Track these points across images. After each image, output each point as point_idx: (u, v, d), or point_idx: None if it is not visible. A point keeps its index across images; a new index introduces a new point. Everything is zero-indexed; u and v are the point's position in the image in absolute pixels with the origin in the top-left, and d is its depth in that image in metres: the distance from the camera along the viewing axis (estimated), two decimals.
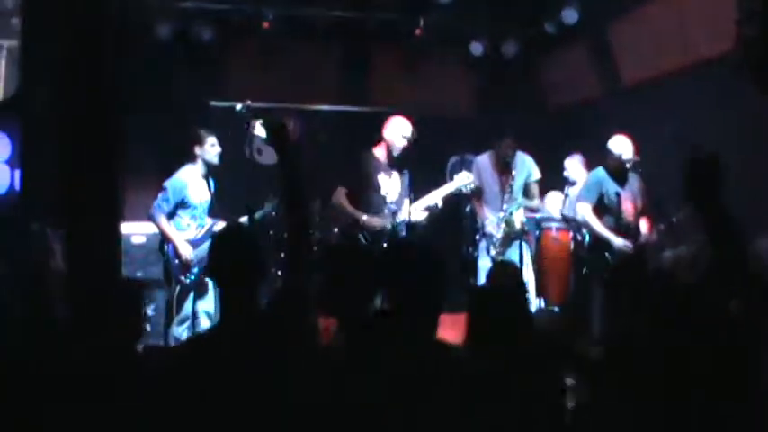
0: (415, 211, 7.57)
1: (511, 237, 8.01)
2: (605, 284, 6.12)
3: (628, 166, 7.78)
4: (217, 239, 3.80)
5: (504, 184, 8.11)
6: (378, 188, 7.63)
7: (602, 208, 7.83)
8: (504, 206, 8.04)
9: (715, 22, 7.52)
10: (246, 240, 3.66)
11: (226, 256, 3.59)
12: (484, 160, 8.27)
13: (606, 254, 7.69)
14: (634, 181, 7.89)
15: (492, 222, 8.09)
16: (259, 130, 6.81)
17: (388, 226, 7.51)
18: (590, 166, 8.56)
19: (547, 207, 9.15)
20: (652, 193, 7.85)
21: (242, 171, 7.67)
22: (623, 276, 4.53)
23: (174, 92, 9.60)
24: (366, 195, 7.71)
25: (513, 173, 8.08)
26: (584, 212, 7.85)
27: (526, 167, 8.28)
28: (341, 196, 7.72)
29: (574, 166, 9.07)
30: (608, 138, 8.05)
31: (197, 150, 7.50)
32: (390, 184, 7.62)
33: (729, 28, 5.84)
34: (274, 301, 3.67)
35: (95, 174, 4.88)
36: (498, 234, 8.00)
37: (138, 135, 8.20)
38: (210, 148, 7.52)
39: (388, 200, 7.61)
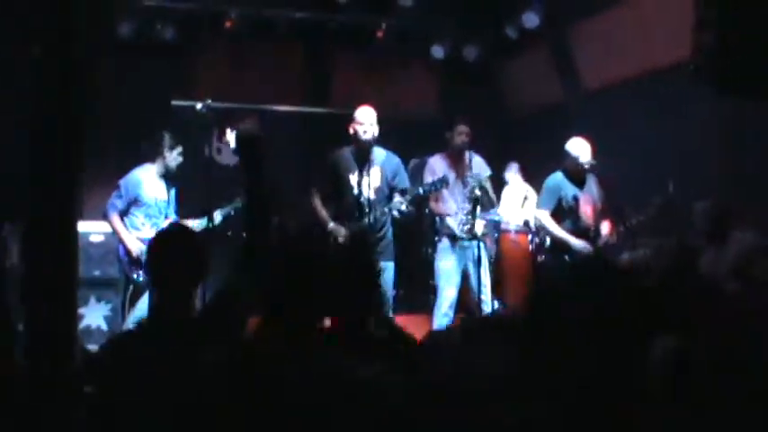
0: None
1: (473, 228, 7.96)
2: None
3: (586, 168, 7.81)
4: (153, 239, 3.75)
5: (462, 177, 8.09)
6: (351, 188, 7.59)
7: (561, 211, 7.85)
8: (467, 196, 7.98)
9: (674, 29, 7.61)
10: (184, 241, 3.61)
11: (159, 256, 3.55)
12: (438, 158, 8.26)
13: (566, 256, 7.74)
14: (592, 183, 7.94)
15: (454, 218, 8.07)
16: (230, 137, 6.78)
17: (362, 226, 7.42)
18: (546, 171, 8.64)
19: (504, 211, 9.21)
20: (612, 195, 7.91)
21: (201, 171, 7.65)
22: None
23: (136, 91, 9.58)
24: (339, 197, 7.69)
25: (470, 168, 8.06)
26: (543, 218, 7.88)
27: (480, 167, 8.28)
28: (314, 199, 7.72)
29: (512, 177, 9.24)
30: (563, 144, 8.11)
31: (160, 150, 7.49)
32: (364, 182, 7.54)
33: (687, 34, 5.91)
34: (209, 306, 3.62)
35: (52, 172, 4.84)
36: (465, 227, 7.93)
37: (100, 133, 8.17)
38: (178, 156, 7.52)
39: (363, 198, 7.55)
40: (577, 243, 7.64)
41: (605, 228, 7.83)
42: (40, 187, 4.79)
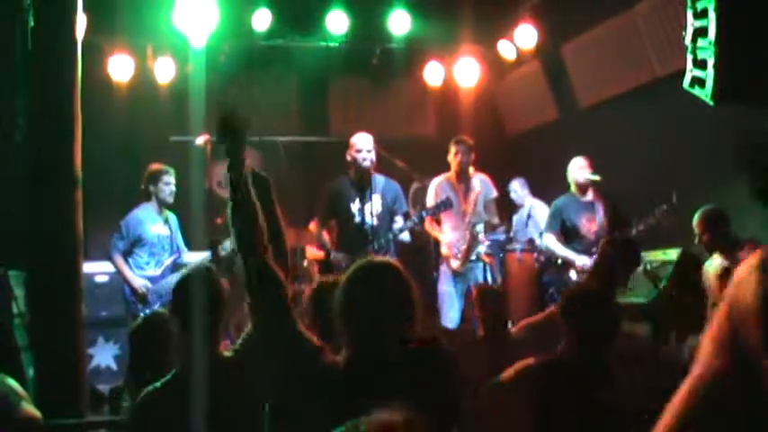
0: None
1: (473, 252, 8.01)
2: None
3: (586, 185, 7.89)
4: (177, 285, 3.74)
5: (465, 200, 8.13)
6: (352, 216, 7.60)
7: (566, 232, 7.95)
8: (468, 219, 8.04)
9: (667, 41, 7.63)
10: (209, 283, 3.61)
11: (188, 300, 3.55)
12: (441, 180, 8.30)
13: (572, 273, 7.80)
14: (596, 200, 7.98)
15: (453, 241, 8.10)
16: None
17: (364, 254, 7.41)
18: (540, 187, 8.70)
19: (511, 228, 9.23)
20: (616, 209, 7.95)
21: (203, 204, 7.67)
22: None
23: (135, 129, 9.60)
24: (341, 226, 7.71)
25: (477, 189, 8.11)
26: (548, 242, 8.09)
27: (485, 185, 8.32)
28: (315, 229, 7.76)
29: (517, 188, 9.26)
30: (566, 158, 8.15)
31: (151, 188, 7.57)
32: (366, 210, 7.56)
33: (680, 45, 5.92)
34: (244, 346, 3.57)
35: (54, 216, 4.85)
36: (462, 247, 7.97)
37: (103, 174, 8.18)
38: (164, 186, 7.58)
39: (366, 226, 7.56)
40: (580, 260, 7.68)
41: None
42: (40, 232, 4.80)
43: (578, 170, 7.95)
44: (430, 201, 8.15)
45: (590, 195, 8.03)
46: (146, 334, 4.16)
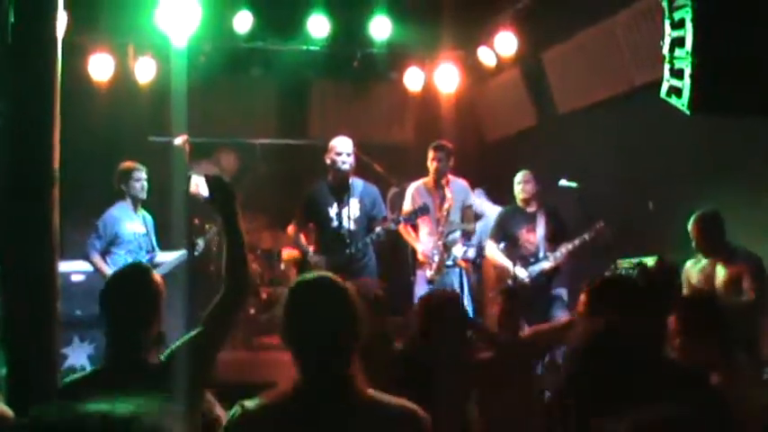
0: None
1: (447, 262, 8.10)
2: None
3: (526, 198, 8.10)
4: (107, 282, 3.68)
5: (440, 206, 8.19)
6: (330, 220, 7.62)
7: (508, 242, 8.10)
8: (441, 229, 8.10)
9: (645, 50, 7.69)
10: (136, 285, 3.52)
11: (109, 300, 3.50)
12: (418, 185, 8.35)
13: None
14: (538, 212, 8.14)
15: (428, 247, 8.15)
16: (200, 185, 6.78)
17: (342, 258, 7.44)
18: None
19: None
20: (559, 222, 8.12)
21: (179, 203, 7.67)
22: None
23: (113, 129, 9.58)
24: (319, 230, 7.73)
25: (449, 195, 8.17)
26: (489, 250, 8.35)
27: (462, 191, 8.37)
28: (292, 233, 7.78)
29: (478, 201, 9.32)
30: (545, 164, 8.23)
31: (123, 186, 7.58)
32: (344, 214, 7.58)
33: (658, 55, 5.98)
34: (174, 353, 3.50)
35: (31, 213, 4.83)
36: (436, 258, 8.04)
37: (80, 173, 8.15)
38: (135, 183, 7.59)
39: (344, 230, 7.57)
40: (516, 270, 7.84)
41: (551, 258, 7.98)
42: (15, 230, 4.78)
43: (516, 185, 8.23)
44: (407, 206, 8.19)
45: (533, 207, 8.21)
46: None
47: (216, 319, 3.50)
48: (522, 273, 7.89)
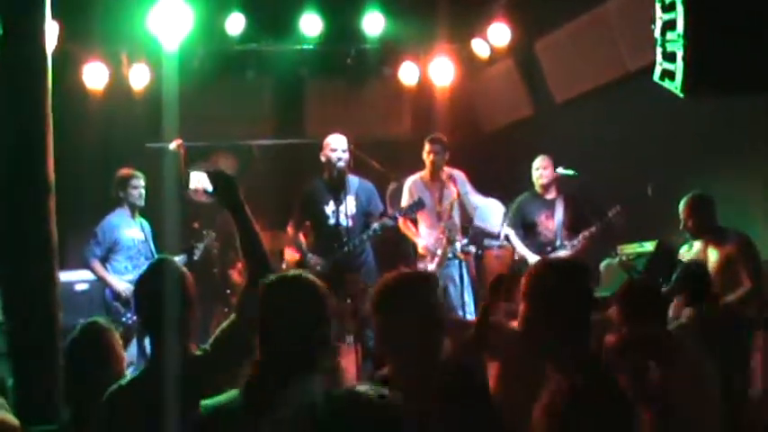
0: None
1: (449, 254, 8.07)
2: None
3: (545, 183, 8.00)
4: (137, 282, 3.73)
5: (439, 200, 8.20)
6: (326, 218, 7.64)
7: (526, 229, 8.04)
8: (442, 223, 8.10)
9: (637, 35, 7.68)
10: (168, 278, 3.56)
11: (149, 294, 3.55)
12: (415, 179, 8.36)
13: None
14: (557, 198, 8.07)
15: (429, 241, 8.15)
16: (201, 180, 6.77)
17: (340, 255, 7.45)
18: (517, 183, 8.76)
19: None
20: (579, 209, 8.04)
21: (176, 209, 7.69)
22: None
23: (109, 136, 9.59)
24: (316, 228, 7.74)
25: (453, 195, 8.16)
26: (509, 235, 8.14)
27: (461, 184, 8.37)
28: (291, 232, 7.79)
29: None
30: (542, 153, 8.21)
31: (120, 193, 7.61)
32: (340, 211, 7.59)
33: (651, 39, 5.98)
34: (216, 342, 3.57)
35: (28, 224, 4.84)
36: (438, 251, 8.03)
37: (77, 182, 8.17)
38: (133, 191, 7.62)
39: (341, 227, 7.58)
40: (532, 258, 7.75)
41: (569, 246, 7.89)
42: (13, 241, 4.79)
43: (534, 170, 8.12)
44: (404, 200, 8.19)
45: (552, 193, 8.13)
46: (87, 342, 4.00)
47: (249, 303, 3.51)
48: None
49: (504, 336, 4.19)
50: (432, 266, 8.02)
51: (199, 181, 7.88)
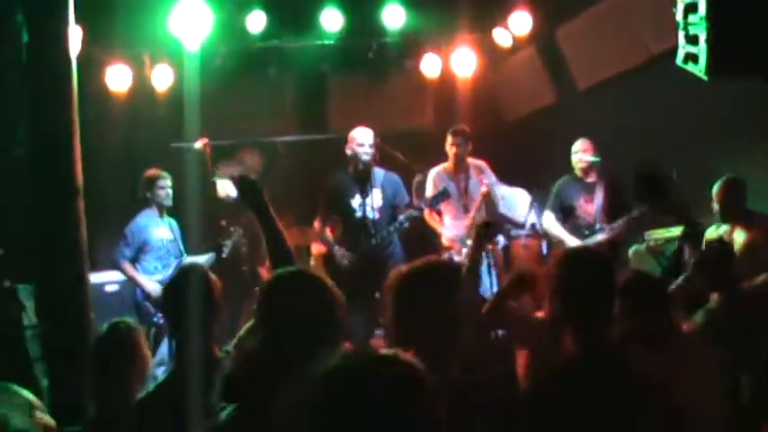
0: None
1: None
2: None
3: (584, 167, 7.91)
4: (166, 285, 3.80)
5: (465, 191, 8.20)
6: (353, 211, 7.66)
7: (564, 213, 7.98)
8: (472, 213, 8.11)
9: (659, 18, 7.64)
10: (196, 283, 3.63)
11: (175, 299, 3.61)
12: (438, 171, 8.37)
13: None
14: (597, 183, 7.99)
15: (453, 232, 8.15)
16: (227, 187, 6.82)
17: (367, 248, 7.48)
18: (542, 171, 8.71)
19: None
20: (620, 195, 7.96)
21: (203, 208, 7.74)
22: None
23: (135, 137, 9.66)
24: (343, 222, 7.77)
25: (482, 189, 8.17)
26: (546, 221, 8.07)
27: (487, 176, 8.36)
28: (318, 227, 7.81)
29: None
30: (567, 141, 8.18)
31: (148, 194, 7.66)
32: (367, 204, 7.62)
33: (673, 22, 5.96)
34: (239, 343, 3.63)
35: (57, 227, 4.90)
36: (468, 242, 8.02)
37: (105, 184, 8.24)
38: (160, 191, 7.67)
39: (368, 220, 7.61)
40: (571, 242, 7.69)
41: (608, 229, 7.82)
42: (45, 244, 4.85)
43: (574, 153, 8.02)
44: (428, 192, 8.20)
45: (592, 177, 8.04)
46: (113, 341, 4.06)
47: None
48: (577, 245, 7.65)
49: (532, 325, 4.20)
50: (458, 257, 8.02)
51: (224, 188, 7.94)
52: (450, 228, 8.27)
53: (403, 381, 1.96)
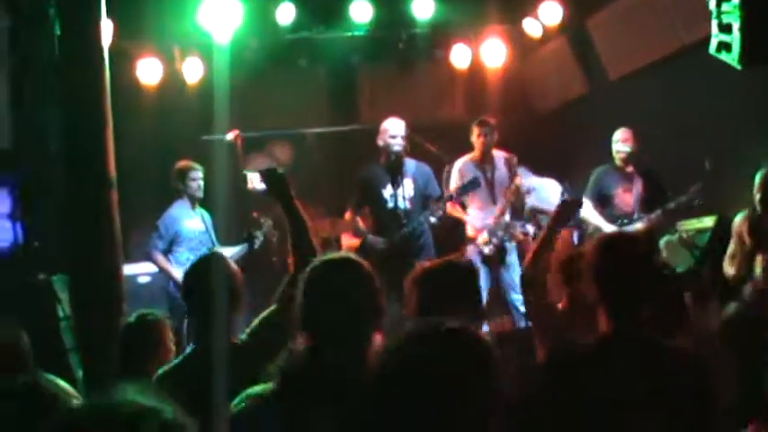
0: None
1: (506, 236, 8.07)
2: None
3: (623, 156, 7.88)
4: (188, 270, 3.85)
5: (489, 180, 8.18)
6: (385, 201, 7.68)
7: (602, 201, 7.95)
8: (502, 203, 8.10)
9: (691, 6, 7.58)
10: (217, 270, 3.68)
11: (194, 286, 3.67)
12: (465, 161, 8.34)
13: None
14: (635, 172, 7.97)
15: (483, 227, 8.14)
16: (256, 181, 6.87)
17: (399, 238, 7.50)
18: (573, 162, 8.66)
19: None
20: (659, 184, 7.92)
21: (235, 199, 7.79)
22: None
23: (166, 130, 9.72)
24: (375, 212, 7.79)
25: (522, 187, 8.17)
26: (583, 209, 7.97)
27: (514, 168, 8.33)
28: (349, 217, 7.84)
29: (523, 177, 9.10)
30: (599, 132, 8.14)
31: (180, 186, 7.71)
32: (398, 194, 7.63)
33: (705, 11, 5.91)
34: (255, 331, 3.68)
35: (91, 219, 4.94)
36: (499, 233, 8.02)
37: (138, 177, 8.31)
38: (192, 183, 7.72)
39: (399, 210, 7.62)
40: (608, 230, 7.63)
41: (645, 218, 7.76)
42: (79, 236, 4.89)
43: (614, 143, 7.99)
44: (454, 183, 8.16)
45: (631, 167, 8.03)
46: (140, 331, 4.19)
47: (289, 296, 3.60)
48: None
49: (551, 307, 4.20)
50: (487, 249, 8.01)
51: (252, 181, 8.00)
52: (477, 218, 8.24)
53: (474, 350, 2.04)
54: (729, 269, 6.32)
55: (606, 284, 3.19)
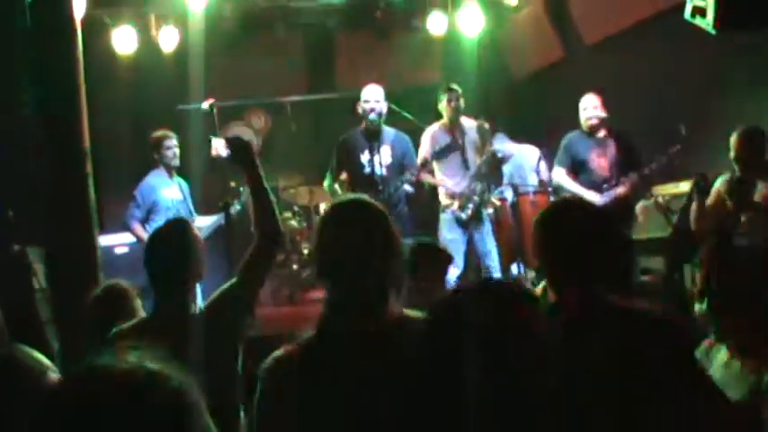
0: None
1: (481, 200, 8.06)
2: None
3: (594, 122, 7.82)
4: (149, 236, 3.87)
5: (461, 146, 8.16)
6: (362, 167, 7.68)
7: (576, 167, 7.90)
8: (474, 170, 8.07)
9: None
10: (176, 239, 3.69)
11: (152, 255, 3.68)
12: (435, 128, 8.30)
13: None
14: (607, 137, 7.93)
15: (457, 192, 8.12)
16: (221, 148, 6.85)
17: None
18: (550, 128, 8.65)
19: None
20: (631, 148, 7.91)
21: (212, 168, 7.77)
22: None
23: (142, 99, 9.66)
24: (352, 177, 7.78)
25: (466, 134, 8.14)
26: (558, 176, 7.98)
27: (479, 131, 8.29)
28: (327, 181, 7.85)
29: (498, 146, 9.08)
30: (576, 97, 8.12)
31: (155, 155, 7.67)
32: (375, 160, 7.63)
33: None
34: (213, 302, 3.66)
35: (66, 188, 4.92)
36: (475, 198, 8.00)
37: (113, 146, 8.26)
38: (167, 152, 7.68)
39: (376, 176, 7.63)
40: (589, 196, 7.61)
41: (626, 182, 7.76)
42: (53, 206, 4.87)
43: (582, 110, 7.90)
44: (424, 149, 8.11)
45: (602, 132, 7.97)
46: (107, 302, 4.25)
47: (250, 269, 3.69)
48: (595, 199, 7.63)
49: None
50: (463, 214, 7.99)
51: (216, 148, 7.97)
52: (451, 184, 8.20)
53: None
54: (698, 224, 6.37)
55: (560, 256, 3.03)
